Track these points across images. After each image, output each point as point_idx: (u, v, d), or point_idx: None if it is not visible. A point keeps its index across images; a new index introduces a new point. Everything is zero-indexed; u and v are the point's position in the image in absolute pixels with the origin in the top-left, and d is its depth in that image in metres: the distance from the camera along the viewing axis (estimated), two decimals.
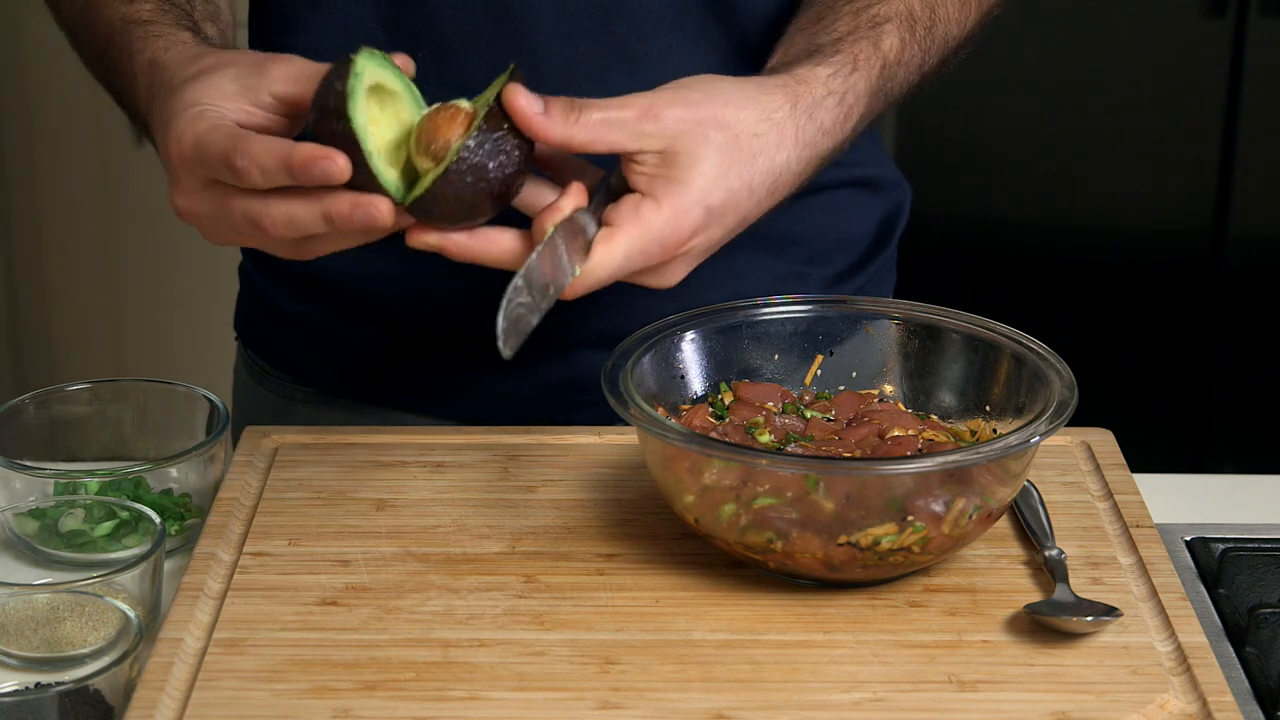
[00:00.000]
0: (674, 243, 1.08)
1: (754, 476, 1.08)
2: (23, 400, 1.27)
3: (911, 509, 1.06)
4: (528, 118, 1.06)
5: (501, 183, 1.07)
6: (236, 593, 1.10)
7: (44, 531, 1.19)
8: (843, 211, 1.39)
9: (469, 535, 1.16)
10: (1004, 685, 1.02)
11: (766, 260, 1.35)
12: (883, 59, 1.18)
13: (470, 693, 1.01)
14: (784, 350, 1.22)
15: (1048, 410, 1.10)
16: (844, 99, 1.15)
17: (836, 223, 1.39)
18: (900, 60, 1.19)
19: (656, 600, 1.09)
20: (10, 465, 1.21)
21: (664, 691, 1.01)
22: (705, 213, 1.09)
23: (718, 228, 1.10)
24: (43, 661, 1.09)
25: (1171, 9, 2.71)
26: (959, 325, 1.20)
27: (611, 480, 1.22)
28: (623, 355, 1.16)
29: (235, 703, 1.01)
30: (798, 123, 1.12)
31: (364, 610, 1.08)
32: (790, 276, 1.36)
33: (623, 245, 1.07)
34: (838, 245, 1.39)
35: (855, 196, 1.39)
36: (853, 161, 1.38)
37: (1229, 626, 1.12)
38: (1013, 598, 1.10)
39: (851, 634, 1.06)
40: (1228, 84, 2.74)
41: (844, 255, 1.40)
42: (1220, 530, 1.23)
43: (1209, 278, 2.83)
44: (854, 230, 1.40)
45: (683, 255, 1.10)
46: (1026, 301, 2.84)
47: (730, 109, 1.10)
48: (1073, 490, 1.21)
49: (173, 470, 1.22)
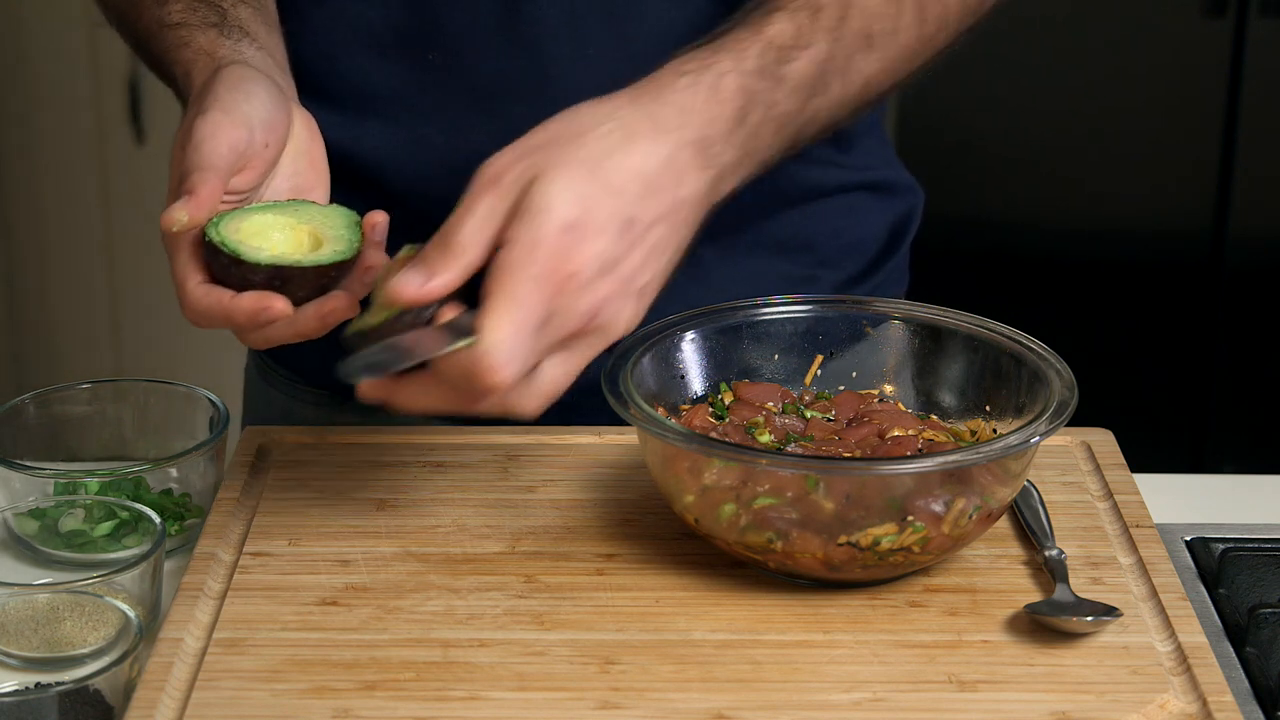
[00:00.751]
0: (553, 273, 1.00)
1: (754, 476, 1.08)
2: (23, 400, 1.27)
3: (911, 509, 1.06)
4: (413, 299, 1.03)
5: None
6: (236, 593, 1.10)
7: (44, 531, 1.19)
8: (854, 215, 1.38)
9: (469, 535, 1.16)
10: (1004, 685, 1.02)
11: (777, 263, 1.35)
12: (765, 40, 1.12)
13: (470, 693, 1.01)
14: (784, 350, 1.22)
15: (1048, 410, 1.10)
16: (701, 77, 1.08)
17: (848, 226, 1.38)
18: (796, 44, 1.13)
19: (656, 600, 1.09)
20: (10, 465, 1.21)
21: (664, 691, 1.01)
22: (565, 229, 1.00)
23: (603, 239, 1.01)
24: (43, 661, 1.09)
25: (1171, 9, 2.71)
26: (959, 325, 1.20)
27: (611, 480, 1.22)
28: (623, 355, 1.16)
29: (235, 703, 1.01)
30: (647, 110, 1.06)
31: (364, 610, 1.08)
32: (802, 280, 1.36)
33: (500, 303, 0.99)
34: (849, 249, 1.39)
35: (867, 200, 1.39)
36: (864, 165, 1.38)
37: (1229, 626, 1.12)
38: (1013, 598, 1.09)
39: (851, 634, 1.06)
40: (1228, 84, 2.74)
41: (854, 259, 1.39)
42: (1220, 530, 1.23)
43: (1209, 278, 2.83)
44: (865, 234, 1.40)
45: (599, 285, 1.02)
46: (1026, 301, 2.84)
47: (565, 123, 1.05)
48: (1073, 490, 1.21)
49: (173, 470, 1.22)
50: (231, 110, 1.11)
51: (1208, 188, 2.79)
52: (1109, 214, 2.82)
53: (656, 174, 1.04)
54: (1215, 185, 2.79)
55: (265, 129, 1.12)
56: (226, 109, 1.11)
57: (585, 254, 1.01)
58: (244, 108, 1.11)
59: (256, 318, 1.08)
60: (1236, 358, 2.86)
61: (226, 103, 1.11)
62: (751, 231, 1.33)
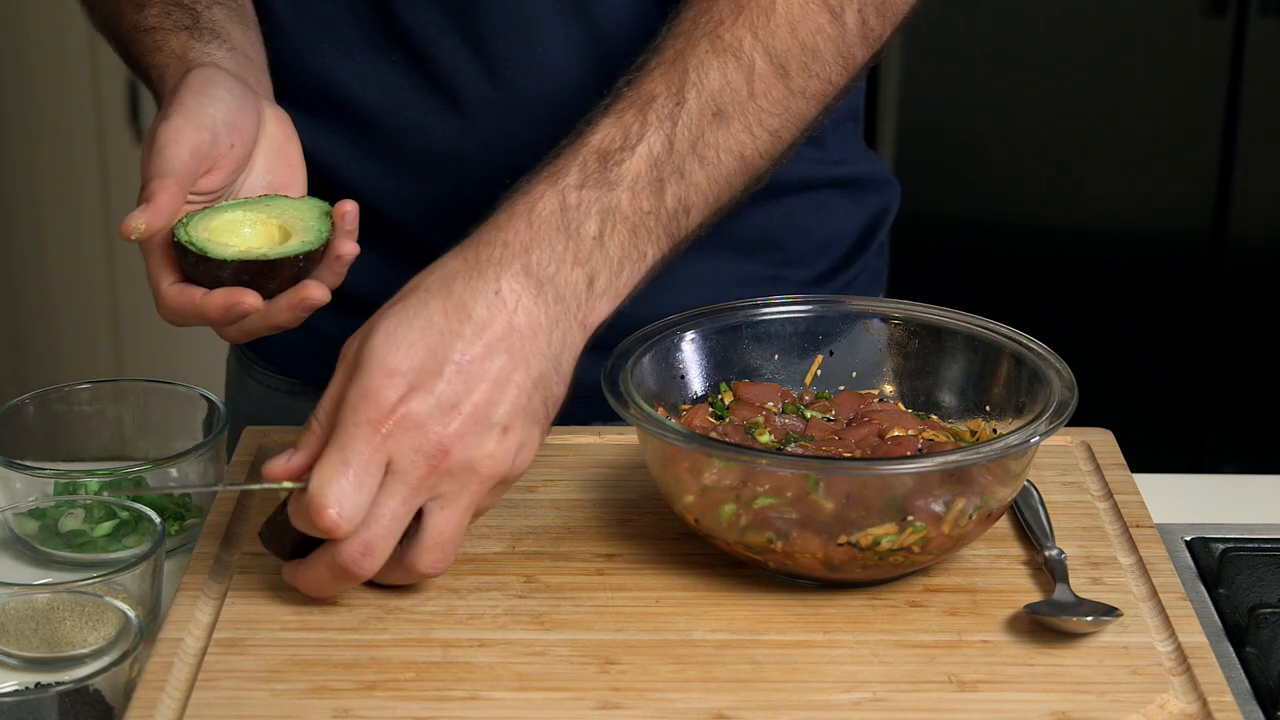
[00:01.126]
0: (381, 418, 1.02)
1: (754, 476, 1.08)
2: (23, 400, 1.27)
3: (911, 509, 1.06)
4: (276, 475, 1.07)
5: None
6: (236, 593, 1.10)
7: (44, 531, 1.19)
8: (825, 213, 1.38)
9: (469, 535, 1.16)
10: (1004, 685, 1.02)
11: (742, 264, 1.35)
12: (585, 151, 1.10)
13: (470, 693, 1.01)
14: (784, 350, 1.22)
15: (1048, 410, 1.10)
16: (516, 208, 1.08)
17: (818, 225, 1.37)
18: (625, 145, 1.11)
19: (656, 600, 1.09)
20: (10, 465, 1.21)
21: (664, 691, 1.01)
22: (388, 374, 1.02)
23: (437, 380, 1.03)
24: (43, 661, 1.09)
25: (1171, 9, 2.71)
26: (959, 325, 1.20)
27: (611, 480, 1.22)
28: (623, 355, 1.16)
29: (235, 703, 1.01)
30: (468, 254, 1.07)
31: (364, 610, 1.08)
32: (766, 281, 1.35)
33: (329, 450, 1.03)
34: (819, 248, 1.38)
35: (838, 197, 1.38)
36: (835, 160, 1.37)
37: (1229, 626, 1.12)
38: (1013, 598, 1.10)
39: (851, 634, 1.06)
40: (1228, 84, 2.74)
41: (825, 258, 1.39)
42: (1220, 530, 1.23)
43: (1209, 278, 2.83)
44: (836, 232, 1.39)
45: (443, 424, 1.03)
46: (1026, 301, 2.84)
47: (399, 291, 1.07)
48: (1073, 490, 1.21)
49: (173, 470, 1.22)
50: (194, 114, 1.12)
51: (1208, 188, 2.79)
52: (1109, 214, 2.82)
53: (482, 310, 1.05)
54: (1215, 185, 2.79)
55: (230, 130, 1.14)
56: (188, 113, 1.12)
57: (415, 395, 1.03)
58: (208, 110, 1.13)
59: (229, 313, 1.11)
60: (1236, 358, 2.86)
61: (190, 106, 1.13)
62: (715, 233, 1.33)
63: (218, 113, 1.13)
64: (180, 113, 1.12)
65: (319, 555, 1.06)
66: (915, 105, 2.79)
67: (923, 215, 2.82)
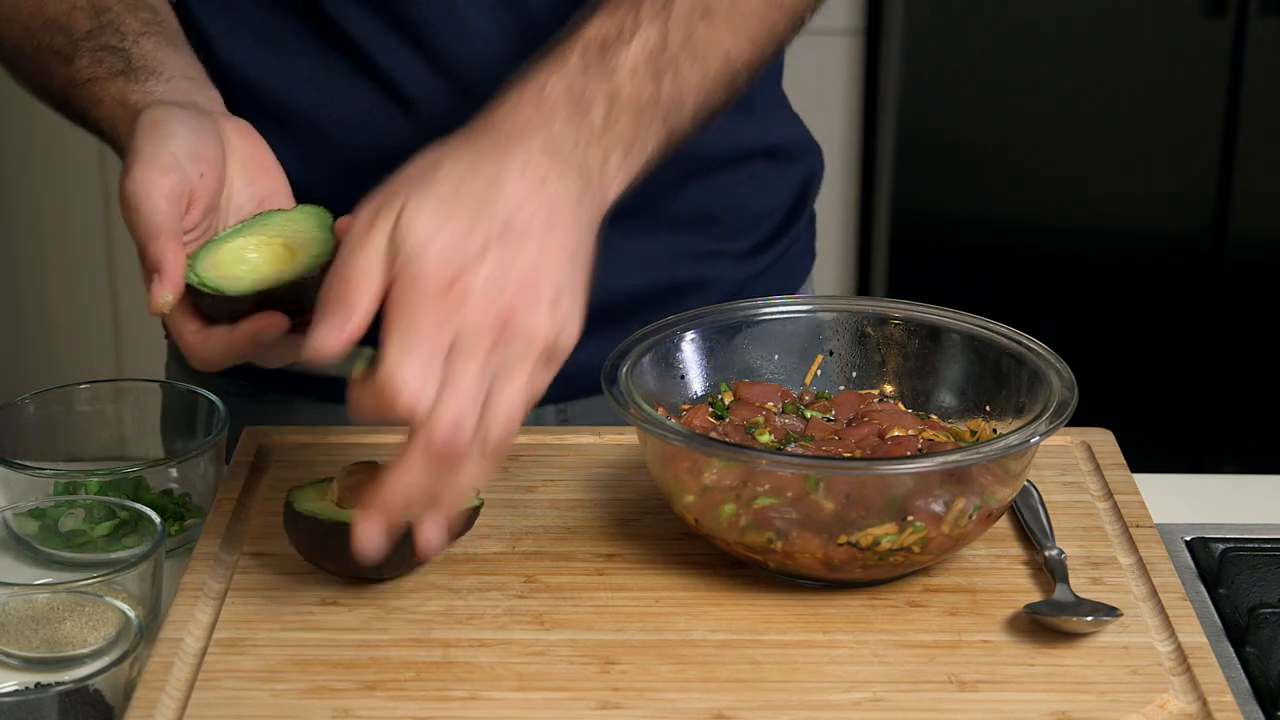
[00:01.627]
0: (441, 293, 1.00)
1: (754, 476, 1.08)
2: (23, 400, 1.27)
3: (911, 509, 1.06)
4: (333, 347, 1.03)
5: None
6: (236, 593, 1.10)
7: (44, 531, 1.19)
8: (755, 184, 1.39)
9: (469, 535, 1.16)
10: (1004, 685, 1.02)
11: (682, 239, 1.36)
12: (584, 41, 1.11)
13: (470, 693, 1.01)
14: (784, 350, 1.22)
15: (1048, 410, 1.10)
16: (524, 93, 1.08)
17: (749, 196, 1.38)
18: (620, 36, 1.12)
19: (656, 600, 1.09)
20: (10, 465, 1.21)
21: (664, 691, 1.01)
22: (441, 251, 1.01)
23: (484, 256, 1.01)
24: (43, 661, 1.09)
25: (1171, 9, 2.71)
26: (959, 325, 1.20)
27: (611, 480, 1.22)
28: (623, 355, 1.16)
29: (235, 703, 1.01)
30: (485, 138, 1.06)
31: (364, 610, 1.08)
32: (707, 255, 1.37)
33: (395, 331, 1.00)
34: (753, 220, 1.39)
35: (766, 168, 1.40)
36: (761, 130, 1.38)
37: (1229, 626, 1.12)
38: (1013, 598, 1.10)
39: (851, 634, 1.06)
40: (1228, 84, 2.74)
41: (759, 229, 1.40)
42: (1220, 530, 1.23)
43: (1209, 278, 2.83)
44: (767, 203, 1.40)
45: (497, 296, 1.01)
46: (1026, 301, 2.84)
47: (414, 167, 1.06)
48: (1073, 490, 1.21)
49: (173, 470, 1.22)
50: (154, 160, 1.10)
51: (1208, 188, 2.79)
52: (1109, 214, 2.82)
53: (514, 183, 1.04)
54: (1215, 185, 2.79)
55: (194, 161, 1.11)
56: (148, 160, 1.10)
57: (468, 271, 1.01)
58: (166, 149, 1.11)
59: (259, 341, 1.08)
60: (1236, 358, 2.86)
61: (147, 154, 1.10)
62: (652, 210, 1.33)
63: (177, 149, 1.11)
64: (140, 162, 1.10)
65: (407, 459, 1.01)
66: (915, 105, 2.78)
67: (923, 215, 2.82)
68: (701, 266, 1.36)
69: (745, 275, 1.39)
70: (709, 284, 1.37)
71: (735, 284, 1.38)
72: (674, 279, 1.36)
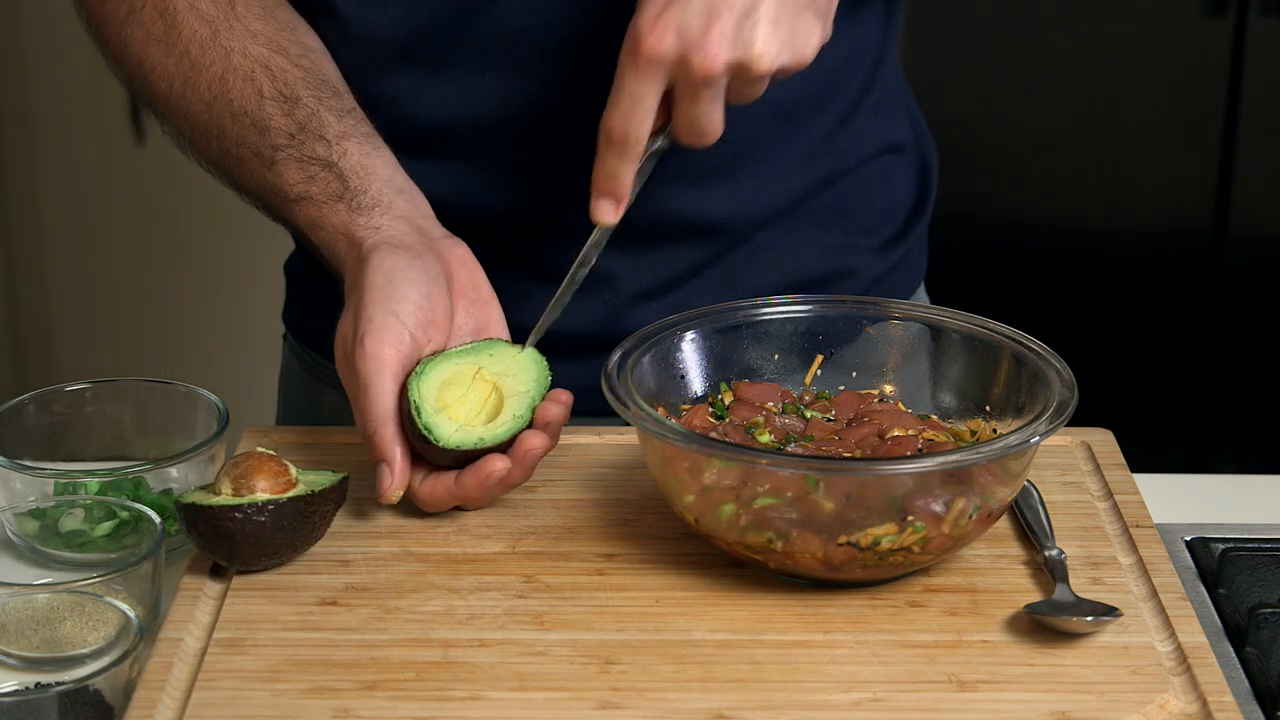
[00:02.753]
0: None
1: (754, 476, 1.08)
2: (23, 400, 1.27)
3: (911, 509, 1.06)
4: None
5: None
6: (236, 593, 1.10)
7: (44, 531, 1.19)
8: (884, 180, 1.41)
9: (469, 535, 1.16)
10: (1004, 685, 1.02)
11: (818, 234, 1.37)
12: None
13: (470, 693, 1.01)
14: (784, 350, 1.22)
15: (1048, 410, 1.10)
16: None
17: (878, 192, 1.40)
18: None
19: (656, 600, 1.09)
20: (10, 465, 1.21)
21: (664, 691, 1.01)
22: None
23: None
24: (43, 661, 1.09)
25: (1171, 9, 2.71)
26: (959, 325, 1.20)
27: (611, 480, 1.22)
28: (623, 355, 1.16)
29: (235, 703, 1.01)
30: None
31: (364, 610, 1.08)
32: (844, 249, 1.38)
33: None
34: (882, 216, 1.41)
35: (893, 163, 1.41)
36: (888, 128, 1.40)
37: (1229, 626, 1.12)
38: (1013, 598, 1.10)
39: (851, 634, 1.06)
40: (1228, 84, 2.74)
41: (888, 225, 1.41)
42: (1220, 530, 1.23)
43: (1209, 278, 2.83)
44: (895, 198, 1.42)
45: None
46: (1026, 301, 2.84)
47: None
48: (1073, 490, 1.21)
49: (173, 470, 1.22)
50: (385, 334, 1.14)
51: (1208, 188, 2.79)
52: (1109, 214, 2.82)
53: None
54: (1215, 185, 2.79)
55: (423, 329, 1.15)
56: (380, 334, 1.14)
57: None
58: (398, 320, 1.14)
59: (487, 489, 1.16)
60: (1236, 358, 2.86)
61: (379, 324, 1.14)
62: (793, 210, 1.35)
63: (408, 318, 1.15)
64: (372, 334, 1.14)
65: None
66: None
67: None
68: (839, 260, 1.38)
69: (880, 270, 1.40)
70: (850, 275, 1.38)
71: (871, 277, 1.40)
72: (819, 271, 1.37)
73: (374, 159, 1.23)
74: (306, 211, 1.22)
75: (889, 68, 1.39)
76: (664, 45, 1.09)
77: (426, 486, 1.16)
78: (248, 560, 1.10)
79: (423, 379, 1.14)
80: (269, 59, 1.23)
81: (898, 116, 1.42)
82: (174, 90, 1.26)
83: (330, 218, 1.21)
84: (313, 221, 1.22)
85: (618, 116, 1.11)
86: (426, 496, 1.16)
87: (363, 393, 1.14)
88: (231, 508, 1.09)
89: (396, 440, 1.14)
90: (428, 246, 1.19)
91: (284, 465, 1.13)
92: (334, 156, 1.21)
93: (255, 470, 1.11)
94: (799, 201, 1.34)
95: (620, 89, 1.11)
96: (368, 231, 1.19)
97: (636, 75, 1.10)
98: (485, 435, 1.15)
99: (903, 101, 1.44)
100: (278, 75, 1.23)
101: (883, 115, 1.39)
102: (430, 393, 1.15)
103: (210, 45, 1.24)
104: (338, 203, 1.21)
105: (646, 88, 1.11)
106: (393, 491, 1.14)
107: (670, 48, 1.09)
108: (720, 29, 1.08)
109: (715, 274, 1.33)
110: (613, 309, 1.33)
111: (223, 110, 1.24)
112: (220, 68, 1.23)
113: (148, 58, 1.26)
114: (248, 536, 1.09)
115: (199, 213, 2.94)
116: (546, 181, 1.29)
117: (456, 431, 1.15)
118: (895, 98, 1.42)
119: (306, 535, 1.12)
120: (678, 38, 1.09)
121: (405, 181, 1.23)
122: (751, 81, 1.11)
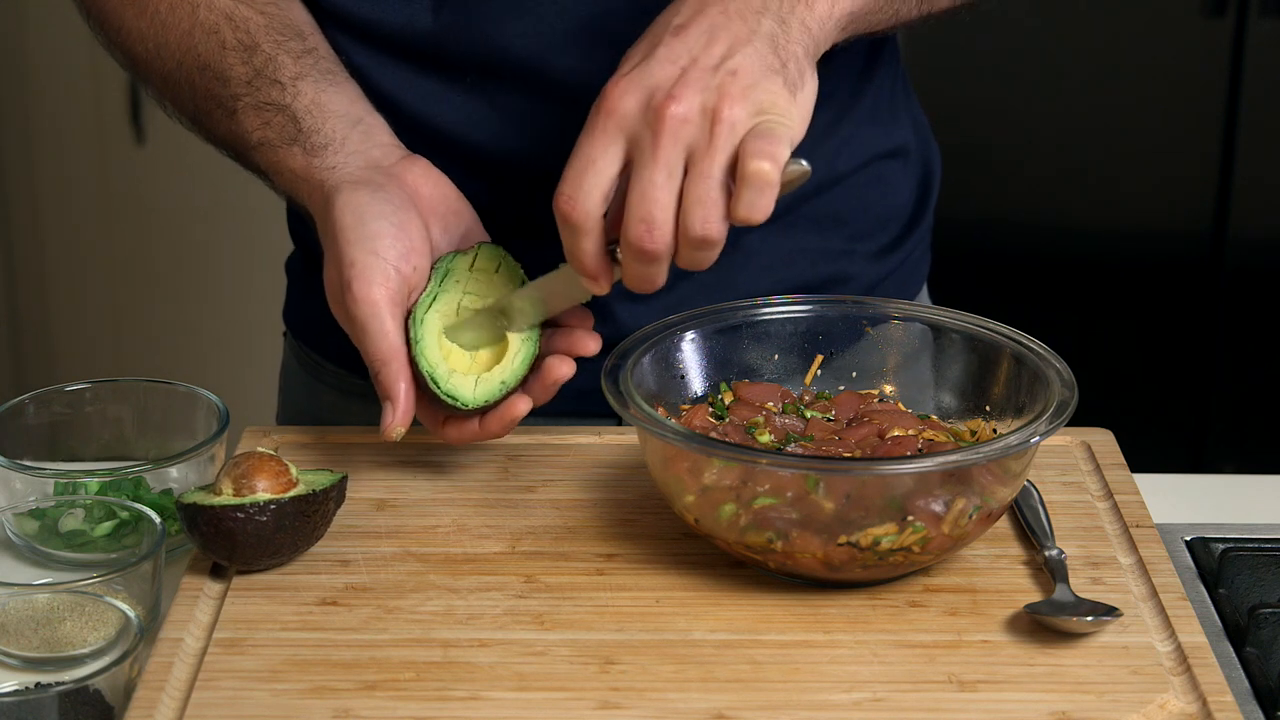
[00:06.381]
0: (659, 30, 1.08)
1: (754, 476, 1.08)
2: (23, 400, 1.27)
3: (911, 509, 1.06)
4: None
5: None
6: (236, 593, 1.10)
7: (44, 531, 1.19)
8: (881, 186, 1.40)
9: (469, 535, 1.16)
10: (1004, 685, 1.02)
11: (813, 239, 1.36)
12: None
13: (470, 693, 1.01)
14: (784, 350, 1.22)
15: (1048, 410, 1.10)
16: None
17: (878, 198, 1.40)
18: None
19: (656, 600, 1.10)
20: (10, 465, 1.21)
21: (664, 691, 1.01)
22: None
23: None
24: (43, 661, 1.09)
25: (1171, 9, 2.71)
26: (959, 325, 1.20)
27: (611, 480, 1.22)
28: (623, 355, 1.16)
29: (235, 703, 1.01)
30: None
31: (364, 610, 1.08)
32: (840, 255, 1.37)
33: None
34: (880, 221, 1.40)
35: (891, 169, 1.40)
36: (886, 133, 1.39)
37: (1229, 626, 1.12)
38: (1013, 598, 1.10)
39: (851, 634, 1.06)
40: (1228, 84, 2.74)
41: (886, 231, 1.41)
42: (1220, 530, 1.23)
43: (1209, 278, 2.83)
44: (894, 204, 1.41)
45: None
46: (1026, 301, 2.84)
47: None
48: (1073, 490, 1.21)
49: (173, 470, 1.22)
50: (370, 274, 1.14)
51: (1208, 188, 2.79)
52: (1109, 214, 2.82)
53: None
54: (1215, 185, 2.79)
55: (405, 259, 1.15)
56: (366, 275, 1.14)
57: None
58: (379, 257, 1.14)
59: (510, 428, 1.18)
60: (1236, 358, 2.86)
61: (361, 265, 1.14)
62: (789, 215, 1.34)
63: (388, 253, 1.15)
64: (358, 277, 1.14)
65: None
66: None
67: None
68: (835, 267, 1.37)
69: (876, 275, 1.40)
70: (845, 281, 1.38)
71: (868, 283, 1.39)
72: (813, 277, 1.37)
73: (329, 94, 1.22)
74: (266, 157, 1.22)
75: (885, 75, 1.38)
76: (626, 101, 1.06)
77: (453, 430, 1.18)
78: (249, 560, 1.10)
79: (423, 344, 1.15)
80: (233, 10, 1.23)
81: (898, 123, 1.41)
82: (149, 51, 1.26)
83: (288, 161, 1.21)
84: (273, 166, 1.22)
85: (567, 183, 1.08)
86: (454, 436, 1.19)
87: (361, 334, 1.15)
88: (233, 508, 1.09)
89: (400, 377, 1.14)
90: (388, 175, 1.18)
91: (284, 465, 1.13)
92: (287, 99, 1.21)
93: (256, 470, 1.12)
94: (790, 206, 1.33)
95: (576, 152, 1.08)
96: (325, 173, 1.19)
97: (590, 136, 1.07)
98: (506, 378, 1.16)
99: (905, 107, 1.43)
100: (239, 25, 1.23)
101: (879, 121, 1.39)
102: (436, 355, 1.15)
103: (179, 2, 1.24)
104: (293, 146, 1.20)
105: (604, 148, 1.07)
106: (394, 429, 1.15)
107: (634, 101, 1.06)
108: (686, 79, 1.06)
109: (708, 280, 1.32)
110: (604, 312, 1.32)
111: (191, 65, 1.24)
112: (188, 24, 1.24)
113: (124, 21, 1.27)
114: (249, 536, 1.09)
115: (199, 213, 2.94)
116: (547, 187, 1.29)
117: (478, 386, 1.16)
118: (894, 104, 1.41)
119: (307, 535, 1.12)
120: (642, 90, 1.06)
121: (364, 110, 1.23)
122: (717, 136, 1.07)
